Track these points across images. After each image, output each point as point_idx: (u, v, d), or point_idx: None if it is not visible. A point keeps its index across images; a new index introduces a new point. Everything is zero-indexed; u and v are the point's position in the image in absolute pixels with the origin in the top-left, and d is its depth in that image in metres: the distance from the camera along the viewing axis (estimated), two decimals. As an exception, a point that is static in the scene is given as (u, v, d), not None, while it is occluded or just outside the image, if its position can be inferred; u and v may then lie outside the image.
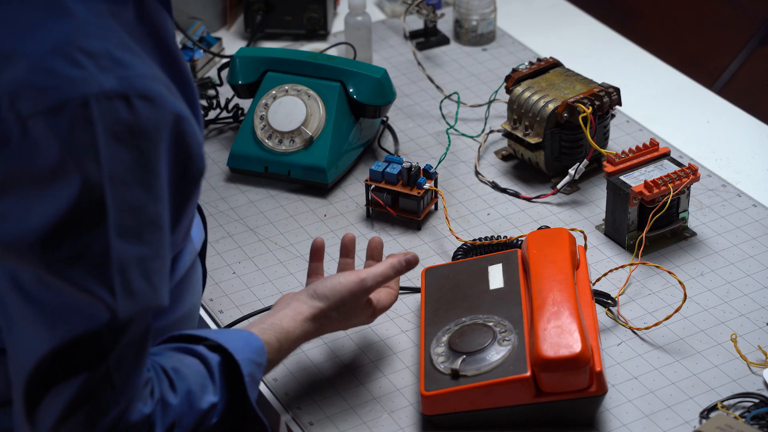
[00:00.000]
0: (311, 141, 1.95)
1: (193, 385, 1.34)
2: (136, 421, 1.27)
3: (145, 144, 1.21)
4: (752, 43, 2.52)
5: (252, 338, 1.43)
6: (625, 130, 2.06)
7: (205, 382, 1.35)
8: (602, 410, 1.55)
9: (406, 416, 1.56)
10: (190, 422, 1.33)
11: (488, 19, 2.29)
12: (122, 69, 1.20)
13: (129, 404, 1.26)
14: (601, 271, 1.76)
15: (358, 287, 1.53)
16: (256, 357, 1.41)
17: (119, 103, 1.19)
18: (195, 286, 1.52)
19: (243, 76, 2.03)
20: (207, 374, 1.36)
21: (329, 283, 1.53)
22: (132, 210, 1.21)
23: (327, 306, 1.52)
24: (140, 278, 1.23)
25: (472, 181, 1.96)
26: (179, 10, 2.29)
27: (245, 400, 1.38)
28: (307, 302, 1.52)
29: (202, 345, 1.38)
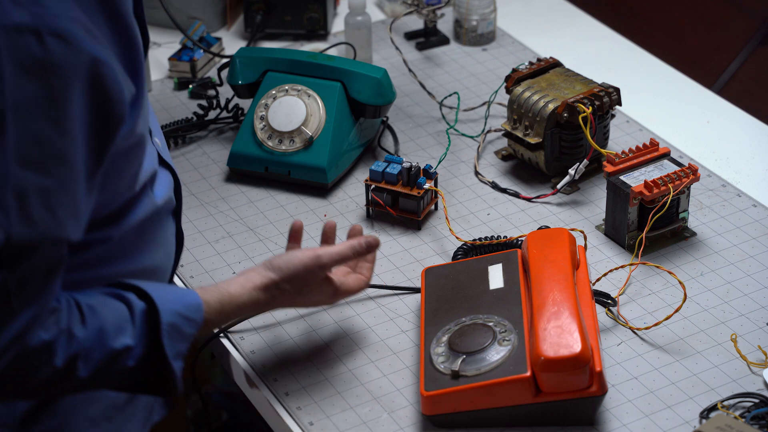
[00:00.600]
0: (311, 141, 1.95)
1: (107, 324, 1.37)
2: (34, 346, 1.31)
3: (54, 80, 1.25)
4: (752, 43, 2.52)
5: (189, 295, 1.46)
6: (625, 130, 2.06)
7: (124, 325, 1.38)
8: (602, 410, 1.55)
9: (406, 416, 1.56)
10: (98, 358, 1.36)
11: (488, 19, 2.29)
12: (37, 6, 1.24)
13: (27, 329, 1.29)
14: (601, 271, 1.76)
15: (313, 263, 1.55)
16: (185, 311, 1.43)
17: (30, 37, 1.23)
18: (161, 243, 1.55)
19: (243, 76, 2.03)
20: (129, 318, 1.39)
21: (286, 256, 1.56)
22: (36, 141, 1.26)
23: (279, 277, 1.54)
24: (41, 208, 1.27)
25: (472, 181, 1.96)
26: (179, 10, 2.29)
27: (162, 352, 1.40)
28: (261, 272, 1.55)
29: (133, 292, 1.42)
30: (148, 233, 1.51)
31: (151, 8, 2.31)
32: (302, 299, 1.58)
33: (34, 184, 1.27)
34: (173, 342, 1.41)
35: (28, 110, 1.25)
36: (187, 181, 1.98)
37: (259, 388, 1.62)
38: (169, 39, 2.33)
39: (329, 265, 1.57)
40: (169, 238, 1.58)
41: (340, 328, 1.70)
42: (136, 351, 1.39)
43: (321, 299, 1.60)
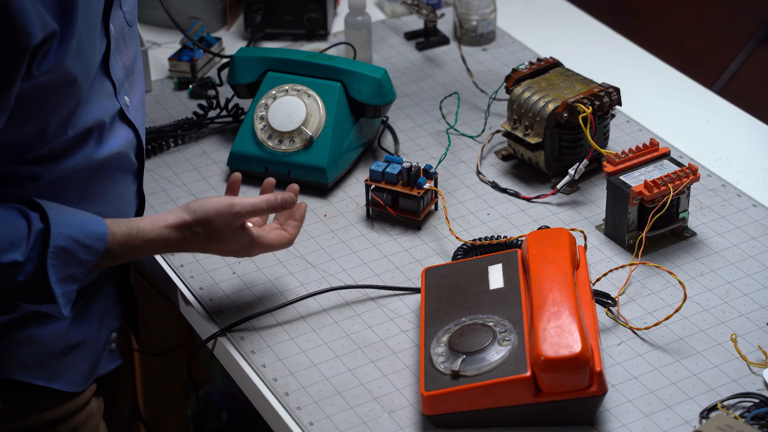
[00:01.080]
0: (311, 141, 1.95)
1: (2, 235, 1.41)
2: None
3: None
4: (752, 43, 2.52)
5: (94, 223, 1.49)
6: (625, 130, 2.06)
7: (17, 241, 1.42)
8: (602, 410, 1.55)
9: (406, 416, 1.56)
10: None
11: (488, 19, 2.29)
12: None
13: None
14: (601, 271, 1.76)
15: (226, 209, 1.57)
16: (83, 238, 1.46)
17: None
18: (110, 198, 1.58)
19: (243, 76, 2.03)
20: (25, 235, 1.42)
21: (202, 200, 1.59)
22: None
23: (192, 219, 1.57)
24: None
25: (472, 181, 1.96)
26: (179, 10, 2.29)
27: (44, 269, 1.43)
28: (176, 212, 1.57)
29: (37, 212, 1.45)
30: (93, 185, 1.53)
31: (151, 8, 2.32)
32: (215, 246, 1.60)
33: None
34: (63, 265, 1.44)
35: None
36: (187, 181, 1.98)
37: (259, 388, 1.62)
38: (169, 39, 2.33)
39: (243, 215, 1.59)
40: (122, 196, 1.60)
41: (340, 328, 1.70)
42: (26, 268, 1.42)
43: (236, 249, 1.62)
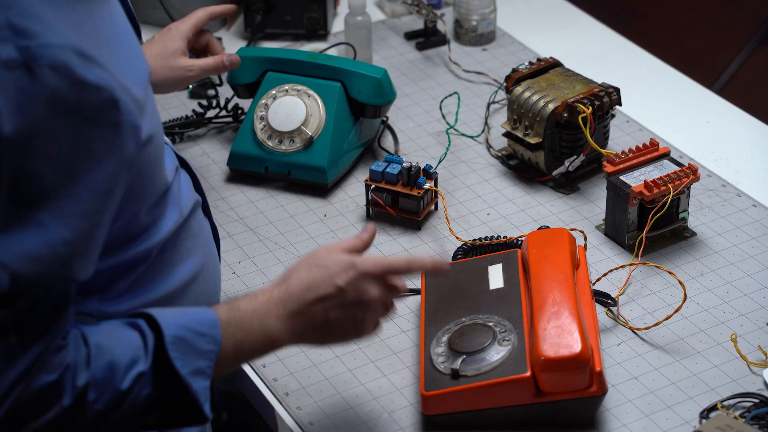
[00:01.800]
0: (311, 141, 1.95)
1: (117, 357, 1.31)
2: (38, 388, 1.26)
3: (48, 113, 1.19)
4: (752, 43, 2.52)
5: (203, 312, 1.37)
6: (625, 130, 2.06)
7: (138, 353, 1.32)
8: (602, 410, 1.55)
9: (406, 416, 1.56)
10: (110, 392, 1.30)
11: (488, 19, 2.29)
12: (24, 39, 1.18)
13: (30, 371, 1.25)
14: (601, 271, 1.76)
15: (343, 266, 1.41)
16: (196, 325, 1.34)
17: (20, 73, 1.18)
18: (201, 243, 1.51)
19: (243, 76, 2.03)
20: (142, 345, 1.33)
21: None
22: (30, 177, 1.20)
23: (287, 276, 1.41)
24: (40, 245, 1.22)
25: (472, 181, 1.96)
26: (179, 10, 2.29)
27: (173, 370, 1.32)
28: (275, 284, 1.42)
29: (143, 319, 1.35)
30: (188, 239, 1.47)
31: (151, 8, 2.32)
32: (330, 319, 1.40)
33: (31, 221, 1.21)
34: (186, 356, 1.33)
35: (20, 145, 1.19)
36: (187, 181, 1.98)
37: (259, 388, 1.62)
38: (169, 39, 2.32)
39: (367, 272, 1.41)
40: (207, 238, 1.55)
41: (340, 328, 1.70)
42: (150, 377, 1.32)
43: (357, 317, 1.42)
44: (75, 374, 1.28)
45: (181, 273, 1.47)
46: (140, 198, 1.37)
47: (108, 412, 1.31)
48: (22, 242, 1.22)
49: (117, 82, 1.24)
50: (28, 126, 1.19)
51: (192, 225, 1.51)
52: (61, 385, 1.27)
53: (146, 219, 1.40)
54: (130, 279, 1.41)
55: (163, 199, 1.43)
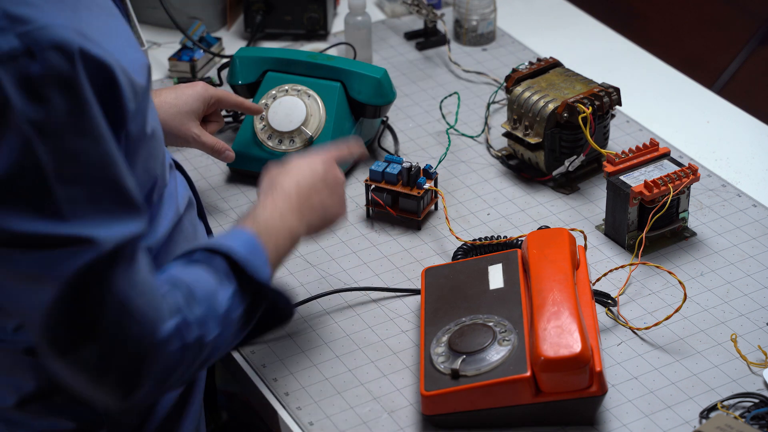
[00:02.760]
0: (311, 141, 1.95)
1: (207, 286, 1.36)
2: (164, 338, 1.30)
3: (68, 92, 1.21)
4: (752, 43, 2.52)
5: (237, 232, 1.44)
6: (625, 130, 2.06)
7: (215, 282, 1.38)
8: (602, 410, 1.55)
9: (406, 416, 1.56)
10: (215, 320, 1.36)
11: (488, 19, 2.29)
12: (22, 25, 1.19)
13: (155, 323, 1.29)
14: (601, 271, 1.76)
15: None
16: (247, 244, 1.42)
17: (25, 60, 1.19)
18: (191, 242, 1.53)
19: (243, 76, 2.03)
20: (214, 274, 1.38)
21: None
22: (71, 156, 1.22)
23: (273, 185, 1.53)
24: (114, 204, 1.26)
25: (472, 181, 1.96)
26: (179, 10, 2.29)
27: (255, 282, 1.40)
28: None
29: (198, 253, 1.40)
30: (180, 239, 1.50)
31: (151, 8, 2.32)
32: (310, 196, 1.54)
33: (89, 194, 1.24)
34: (258, 271, 1.41)
35: (52, 131, 1.21)
36: (187, 181, 1.98)
37: (259, 388, 1.62)
38: (169, 39, 2.33)
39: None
40: (200, 238, 1.57)
41: (340, 328, 1.70)
42: (236, 298, 1.39)
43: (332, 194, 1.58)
44: (186, 316, 1.33)
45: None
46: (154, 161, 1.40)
47: (218, 339, 1.37)
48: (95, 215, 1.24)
49: (116, 62, 1.26)
50: (53, 112, 1.21)
51: (186, 226, 1.52)
52: (181, 329, 1.32)
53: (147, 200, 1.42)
54: None
55: (160, 197, 1.44)
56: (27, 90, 1.19)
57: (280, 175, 1.55)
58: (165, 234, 1.45)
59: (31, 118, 1.20)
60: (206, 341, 1.35)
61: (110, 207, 1.26)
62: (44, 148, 1.21)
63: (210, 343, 1.36)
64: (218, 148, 1.81)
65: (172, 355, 1.32)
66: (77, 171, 1.23)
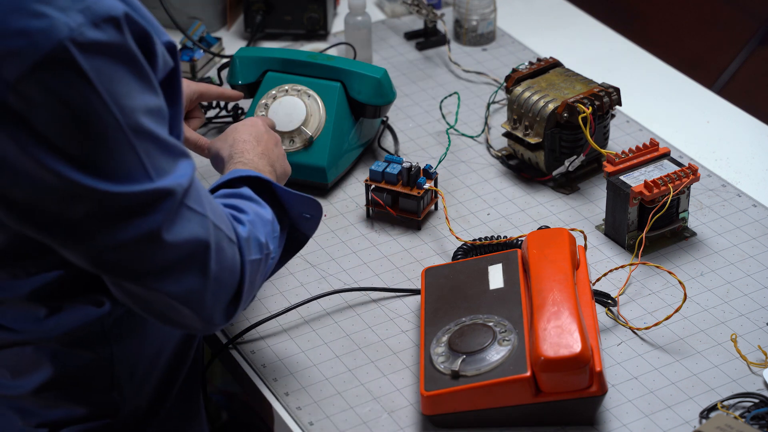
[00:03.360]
0: (311, 141, 1.95)
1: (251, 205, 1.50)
2: (246, 240, 1.44)
3: (128, 57, 1.27)
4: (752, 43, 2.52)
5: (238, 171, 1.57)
6: (625, 130, 2.06)
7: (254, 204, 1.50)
8: (602, 410, 1.55)
9: (406, 416, 1.56)
10: (268, 232, 1.49)
11: (488, 19, 2.29)
12: (79, 2, 1.24)
13: (237, 233, 1.43)
14: (601, 271, 1.76)
15: None
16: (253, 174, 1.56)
17: (91, 31, 1.24)
18: None
19: (243, 76, 2.03)
20: (248, 198, 1.51)
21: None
22: (145, 112, 1.30)
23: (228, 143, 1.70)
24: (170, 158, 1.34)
25: (472, 181, 1.96)
26: (179, 10, 2.29)
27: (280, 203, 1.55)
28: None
29: (224, 188, 1.53)
30: None
31: (151, 8, 2.30)
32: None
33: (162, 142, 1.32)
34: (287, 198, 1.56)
35: (125, 94, 1.27)
36: (187, 181, 1.98)
37: (259, 388, 1.62)
38: (169, 39, 2.32)
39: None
40: None
41: (340, 328, 1.70)
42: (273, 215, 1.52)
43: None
44: (250, 224, 1.46)
45: None
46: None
47: (274, 250, 1.50)
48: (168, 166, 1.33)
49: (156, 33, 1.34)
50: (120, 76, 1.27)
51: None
52: (252, 234, 1.45)
53: None
54: None
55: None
56: (98, 61, 1.24)
57: (232, 132, 1.71)
58: None
59: (105, 86, 1.25)
60: (270, 247, 1.49)
61: (173, 156, 1.34)
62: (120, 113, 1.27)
63: (273, 251, 1.50)
64: (201, 144, 1.85)
65: (254, 259, 1.44)
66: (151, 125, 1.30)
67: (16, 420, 1.47)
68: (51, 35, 1.21)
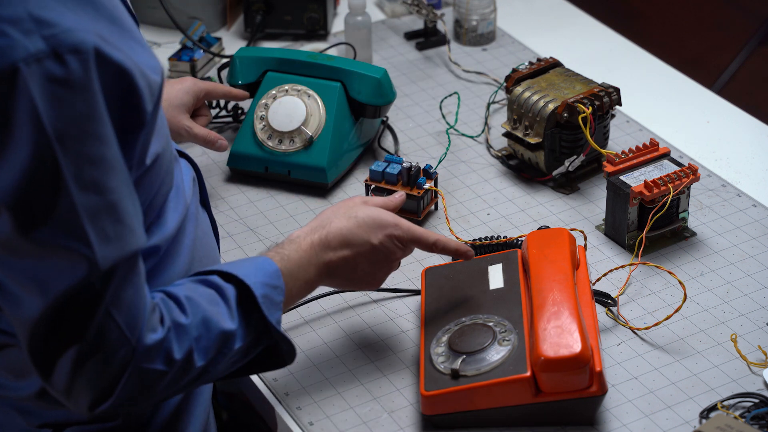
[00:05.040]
0: (311, 141, 1.95)
1: (208, 310, 1.37)
2: (149, 348, 1.31)
3: (85, 96, 1.22)
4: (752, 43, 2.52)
5: (267, 264, 1.45)
6: (625, 130, 2.06)
7: (220, 309, 1.38)
8: (602, 410, 1.55)
9: (406, 416, 1.56)
10: (208, 345, 1.36)
11: (488, 19, 2.29)
12: (48, 28, 1.21)
13: (139, 336, 1.30)
14: (601, 271, 1.76)
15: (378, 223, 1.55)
16: (269, 280, 1.43)
17: (50, 62, 1.20)
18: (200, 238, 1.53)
19: (243, 76, 2.03)
20: (222, 301, 1.39)
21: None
22: (89, 161, 1.24)
23: (325, 223, 1.53)
24: (114, 223, 1.26)
25: (472, 181, 1.96)
26: (179, 10, 2.29)
27: (265, 322, 1.40)
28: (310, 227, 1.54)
29: (215, 275, 1.41)
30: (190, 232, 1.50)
31: (151, 8, 2.32)
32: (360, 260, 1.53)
33: (101, 204, 1.25)
34: (271, 311, 1.41)
35: (73, 134, 1.22)
36: (187, 181, 1.98)
37: (260, 389, 1.62)
38: (169, 39, 2.33)
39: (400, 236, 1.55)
40: (205, 228, 1.57)
41: (340, 328, 1.70)
42: (240, 332, 1.39)
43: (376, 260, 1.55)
44: (177, 328, 1.34)
45: (180, 266, 1.48)
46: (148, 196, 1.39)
47: (208, 365, 1.37)
48: (100, 226, 1.25)
49: (135, 66, 1.28)
50: (74, 114, 1.22)
51: (192, 210, 1.53)
52: (168, 342, 1.32)
53: (153, 213, 1.42)
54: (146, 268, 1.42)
55: (167, 191, 1.45)
56: (50, 92, 1.21)
57: (338, 217, 1.54)
58: (174, 228, 1.46)
59: (52, 120, 1.21)
60: (196, 362, 1.35)
61: (110, 224, 1.26)
62: (62, 153, 1.22)
63: (202, 366, 1.36)
64: (210, 138, 1.84)
65: (152, 368, 1.32)
66: (89, 179, 1.24)
67: (20, 420, 1.47)
68: (5, 55, 1.19)
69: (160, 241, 1.43)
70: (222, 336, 1.37)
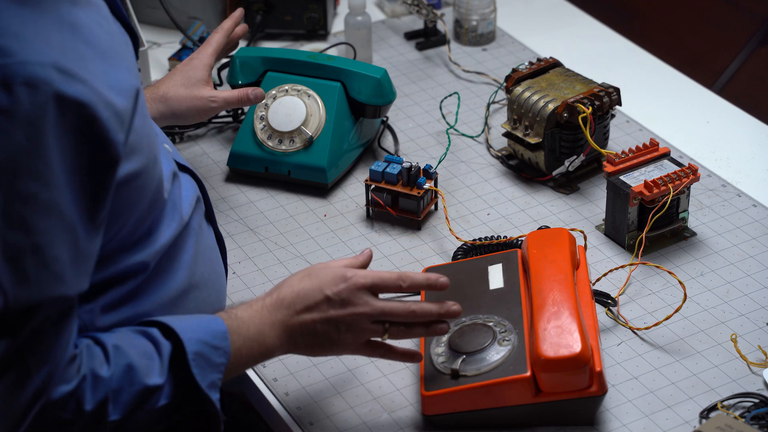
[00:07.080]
0: (311, 141, 1.95)
1: (135, 362, 1.32)
2: (56, 399, 1.27)
3: (28, 131, 1.19)
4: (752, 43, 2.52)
5: (214, 322, 1.39)
6: (625, 130, 2.06)
7: (151, 363, 1.33)
8: (602, 410, 1.55)
9: (406, 416, 1.56)
10: (128, 398, 1.32)
11: (488, 19, 2.29)
12: (2, 57, 1.18)
13: (47, 385, 1.25)
14: (601, 271, 1.76)
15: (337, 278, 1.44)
16: (210, 339, 1.36)
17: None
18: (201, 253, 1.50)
19: (243, 76, 2.03)
20: (156, 355, 1.34)
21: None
22: (20, 198, 1.20)
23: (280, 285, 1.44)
24: (35, 266, 1.22)
25: (472, 181, 1.96)
26: (179, 10, 2.29)
27: (194, 382, 1.34)
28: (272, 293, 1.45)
29: (156, 328, 1.36)
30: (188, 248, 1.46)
31: (151, 8, 2.32)
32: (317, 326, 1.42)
33: (26, 244, 1.21)
34: (204, 372, 1.35)
35: (8, 168, 1.19)
36: (187, 181, 1.98)
37: (259, 388, 1.62)
38: (169, 39, 2.33)
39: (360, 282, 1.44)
40: (208, 243, 1.53)
41: (340, 328, 1.70)
42: (166, 389, 1.34)
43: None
44: (94, 379, 1.30)
45: (177, 282, 1.45)
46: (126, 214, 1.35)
47: (124, 420, 1.32)
48: (20, 266, 1.21)
49: (99, 96, 1.23)
50: (12, 147, 1.19)
51: (193, 227, 1.49)
52: (79, 393, 1.29)
53: (141, 229, 1.38)
54: (125, 289, 1.39)
55: (160, 208, 1.41)
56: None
57: (294, 277, 1.45)
58: (166, 244, 1.42)
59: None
60: (110, 415, 1.31)
61: (32, 266, 1.22)
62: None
63: (116, 420, 1.31)
64: (241, 96, 1.81)
65: (59, 417, 1.28)
66: (17, 216, 1.20)
67: None
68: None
69: (148, 258, 1.39)
70: (144, 391, 1.32)
